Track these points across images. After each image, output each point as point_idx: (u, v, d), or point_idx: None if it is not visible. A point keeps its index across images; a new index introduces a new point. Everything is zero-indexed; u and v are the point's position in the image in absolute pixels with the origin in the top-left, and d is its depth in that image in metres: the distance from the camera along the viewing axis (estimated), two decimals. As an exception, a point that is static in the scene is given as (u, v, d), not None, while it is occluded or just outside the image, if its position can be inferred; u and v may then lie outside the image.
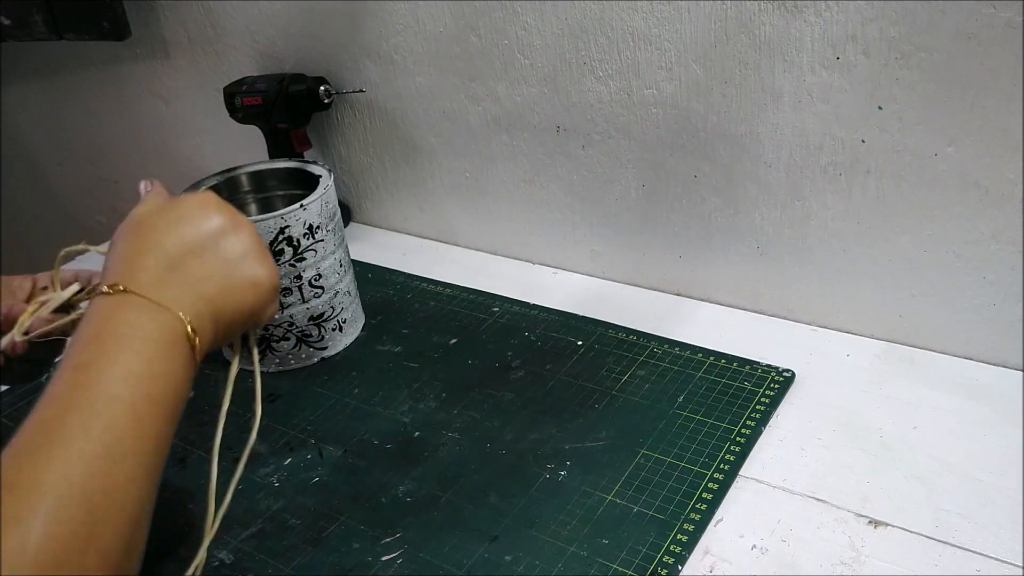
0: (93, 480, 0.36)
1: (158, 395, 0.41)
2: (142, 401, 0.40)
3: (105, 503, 0.36)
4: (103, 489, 0.36)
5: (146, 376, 0.41)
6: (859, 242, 0.72)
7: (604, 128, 0.81)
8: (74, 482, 0.35)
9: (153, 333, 0.42)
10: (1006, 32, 0.59)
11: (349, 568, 0.58)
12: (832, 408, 0.68)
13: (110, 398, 0.39)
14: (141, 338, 0.42)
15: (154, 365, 0.41)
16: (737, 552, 0.56)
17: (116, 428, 0.38)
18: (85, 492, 0.36)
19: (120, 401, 0.39)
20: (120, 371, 0.40)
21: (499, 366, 0.77)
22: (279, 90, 0.96)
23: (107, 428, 0.38)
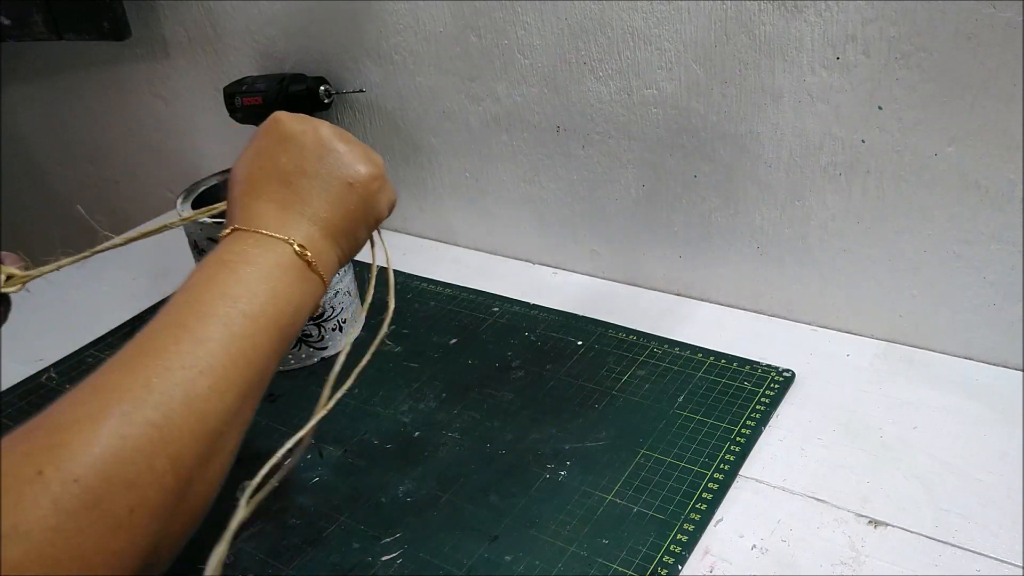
0: (175, 388, 0.37)
1: (255, 312, 0.42)
2: (237, 318, 0.41)
3: (183, 411, 0.37)
4: (184, 397, 0.37)
5: (244, 295, 0.42)
6: (859, 242, 0.72)
7: (604, 128, 0.81)
8: (154, 387, 0.37)
9: (256, 258, 0.45)
10: (1006, 32, 0.59)
11: (349, 568, 0.58)
12: (832, 408, 0.68)
13: (204, 315, 0.41)
14: (244, 262, 0.44)
15: (253, 285, 0.43)
16: (737, 552, 0.56)
17: (207, 342, 0.40)
18: (164, 397, 0.37)
19: (216, 317, 0.41)
20: (218, 291, 0.42)
21: (499, 366, 0.77)
22: (279, 90, 0.96)
23: (198, 341, 0.39)
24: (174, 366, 0.38)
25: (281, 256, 0.46)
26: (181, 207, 0.76)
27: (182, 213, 0.75)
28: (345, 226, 0.51)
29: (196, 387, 0.38)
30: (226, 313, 0.41)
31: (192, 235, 0.75)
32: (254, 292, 0.43)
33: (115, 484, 0.34)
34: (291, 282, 0.46)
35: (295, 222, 0.48)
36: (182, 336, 0.39)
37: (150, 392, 0.37)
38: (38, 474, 0.33)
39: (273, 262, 0.45)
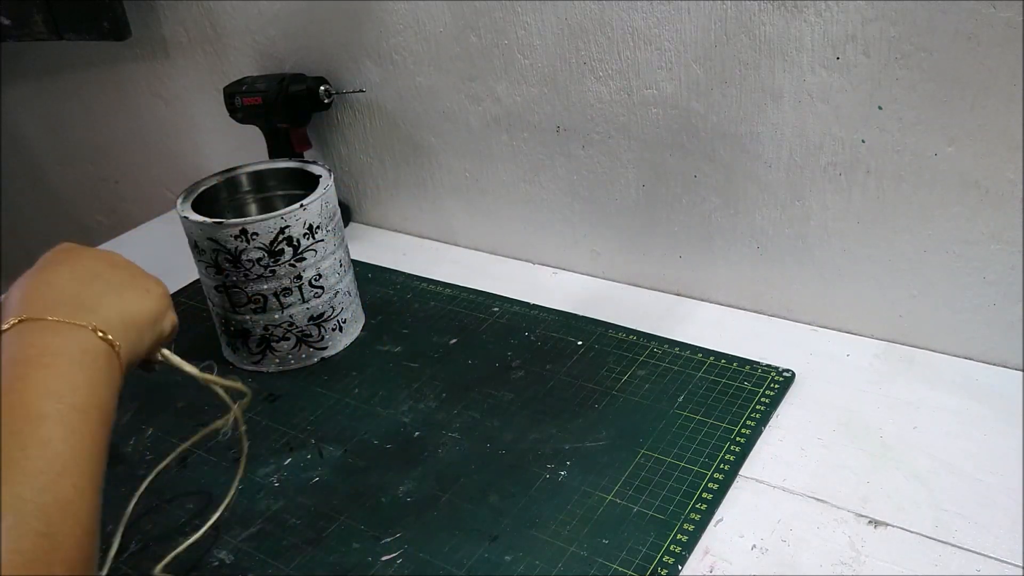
0: (45, 494, 0.37)
1: (83, 405, 0.42)
2: (69, 414, 0.40)
3: (60, 515, 0.37)
4: (56, 501, 0.37)
5: (67, 390, 0.41)
6: (859, 242, 0.72)
7: (604, 128, 0.81)
8: (26, 498, 0.36)
9: (63, 348, 0.43)
10: (1006, 32, 0.59)
11: (349, 568, 0.58)
12: (832, 408, 0.68)
13: (37, 416, 0.39)
14: (52, 355, 0.43)
15: (72, 378, 0.42)
16: (737, 552, 0.56)
17: (51, 443, 0.39)
18: (39, 506, 0.36)
19: (47, 417, 0.40)
20: (40, 389, 0.41)
21: (499, 366, 0.77)
22: (279, 90, 0.96)
23: (42, 444, 0.38)
24: (33, 472, 0.37)
25: (86, 344, 0.45)
26: (181, 207, 0.76)
27: (182, 213, 0.75)
28: (137, 323, 0.50)
29: (62, 489, 0.38)
30: (57, 411, 0.40)
31: (192, 235, 0.75)
32: (74, 383, 0.42)
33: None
34: (101, 369, 0.45)
35: (90, 311, 0.46)
36: (26, 444, 0.38)
37: (24, 503, 0.36)
38: None
39: (79, 349, 0.44)
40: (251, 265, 0.74)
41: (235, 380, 0.57)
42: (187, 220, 0.74)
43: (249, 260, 0.73)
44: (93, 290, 0.49)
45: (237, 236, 0.72)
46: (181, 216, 0.75)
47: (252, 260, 0.73)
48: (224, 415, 0.58)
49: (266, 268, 0.74)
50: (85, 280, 0.49)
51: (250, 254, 0.73)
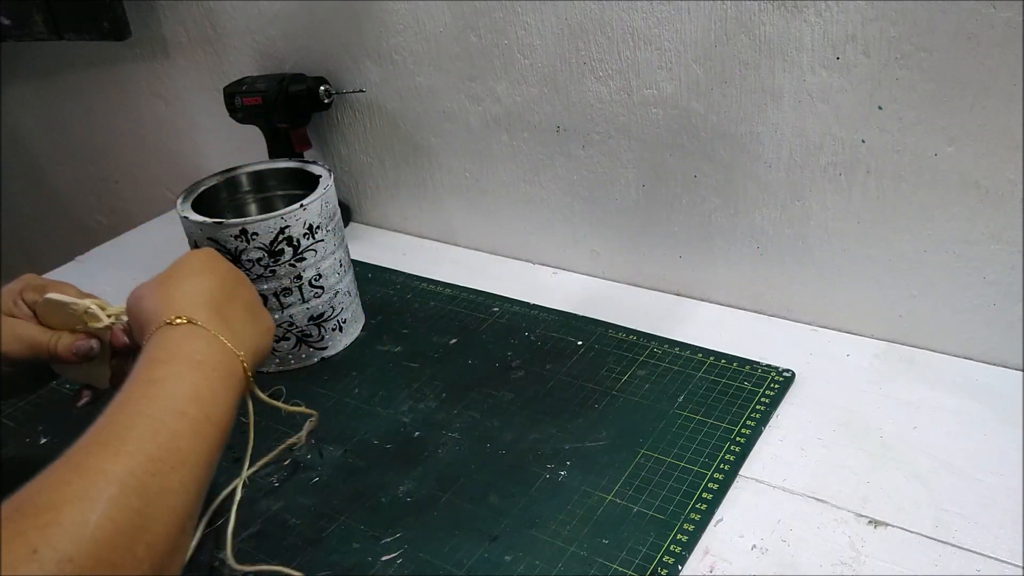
0: (153, 479, 0.40)
1: (216, 418, 0.46)
2: (203, 421, 0.44)
3: (159, 501, 0.39)
4: (159, 489, 0.40)
5: (209, 400, 0.46)
6: (859, 242, 0.72)
7: (604, 128, 0.81)
8: (137, 477, 0.39)
9: (219, 364, 0.48)
10: (1006, 32, 0.59)
11: (349, 568, 0.58)
12: (832, 408, 0.68)
13: (178, 412, 0.43)
14: (211, 366, 0.47)
15: (216, 391, 0.47)
16: (737, 552, 0.56)
17: (179, 439, 0.42)
18: (145, 487, 0.39)
19: (186, 417, 0.44)
20: (189, 391, 0.45)
21: (499, 366, 0.77)
22: (279, 90, 0.96)
23: (172, 437, 0.42)
24: (153, 458, 0.40)
25: (234, 367, 0.49)
26: (181, 207, 0.76)
27: (182, 213, 0.75)
28: (258, 359, 0.54)
29: (169, 481, 0.41)
30: (195, 416, 0.44)
31: (192, 235, 0.75)
32: (216, 397, 0.46)
33: (103, 566, 0.36)
34: (237, 395, 0.49)
35: (239, 338, 0.51)
36: (158, 431, 0.42)
37: (134, 479, 0.39)
38: (33, 552, 0.34)
39: (230, 372, 0.49)
40: (251, 265, 0.74)
41: (300, 404, 0.63)
42: (187, 220, 0.74)
43: (249, 260, 0.73)
44: (240, 314, 0.53)
45: (237, 236, 0.72)
46: (181, 216, 0.75)
47: (252, 260, 0.73)
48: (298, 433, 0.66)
49: (266, 268, 0.74)
50: (232, 299, 0.53)
51: (250, 254, 0.73)
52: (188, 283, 0.52)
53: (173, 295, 0.51)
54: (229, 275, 0.56)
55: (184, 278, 0.53)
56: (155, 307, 0.50)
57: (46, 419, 0.76)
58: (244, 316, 0.54)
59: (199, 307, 0.50)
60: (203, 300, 0.51)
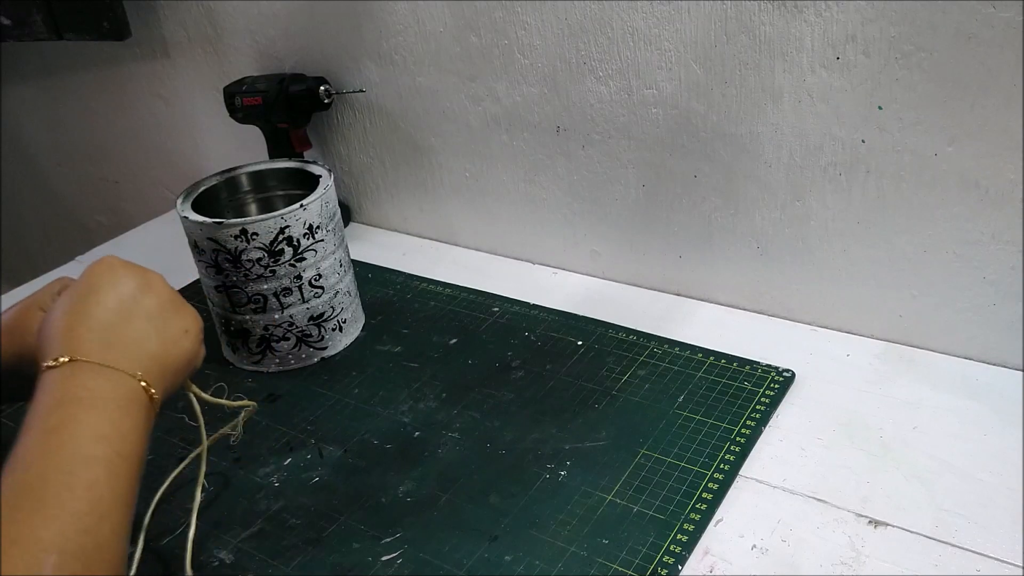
0: (86, 536, 0.39)
1: (127, 452, 0.44)
2: (115, 459, 0.43)
3: (98, 557, 0.39)
4: (95, 545, 0.39)
5: (115, 435, 0.43)
6: (859, 242, 0.72)
7: (604, 128, 0.81)
8: (70, 538, 0.38)
9: (112, 394, 0.45)
10: (1006, 32, 0.59)
11: (349, 568, 0.58)
12: (832, 408, 0.68)
13: (87, 458, 0.41)
14: (103, 399, 0.44)
15: (119, 424, 0.44)
16: (737, 552, 0.56)
17: (96, 486, 0.41)
18: (80, 547, 0.38)
19: (97, 461, 0.42)
20: (91, 433, 0.43)
21: (499, 366, 0.77)
22: (279, 90, 0.96)
23: (89, 487, 0.40)
24: (79, 513, 0.39)
25: (131, 391, 0.46)
26: (181, 207, 0.76)
27: (182, 213, 0.75)
28: (175, 368, 0.52)
29: (102, 533, 0.40)
30: (105, 456, 0.42)
31: (192, 235, 0.75)
32: (122, 431, 0.44)
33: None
34: (142, 417, 0.46)
35: (135, 355, 0.48)
36: (74, 484, 0.40)
37: (68, 542, 0.38)
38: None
39: (126, 398, 0.46)
40: (251, 265, 0.74)
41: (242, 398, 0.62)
42: (187, 220, 0.74)
43: (249, 260, 0.73)
44: (137, 329, 0.49)
45: (237, 236, 0.72)
46: (181, 216, 0.75)
47: (252, 260, 0.73)
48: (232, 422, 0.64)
49: (266, 268, 0.74)
50: (129, 315, 0.50)
51: (250, 254, 0.73)
52: (75, 310, 0.49)
53: (57, 327, 0.48)
54: (125, 287, 0.51)
55: (76, 304, 0.49)
56: (43, 342, 0.47)
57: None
58: (144, 328, 0.50)
59: (82, 338, 0.47)
60: (88, 327, 0.48)
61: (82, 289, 0.50)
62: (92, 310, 0.49)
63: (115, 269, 0.52)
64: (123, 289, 0.51)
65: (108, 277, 0.51)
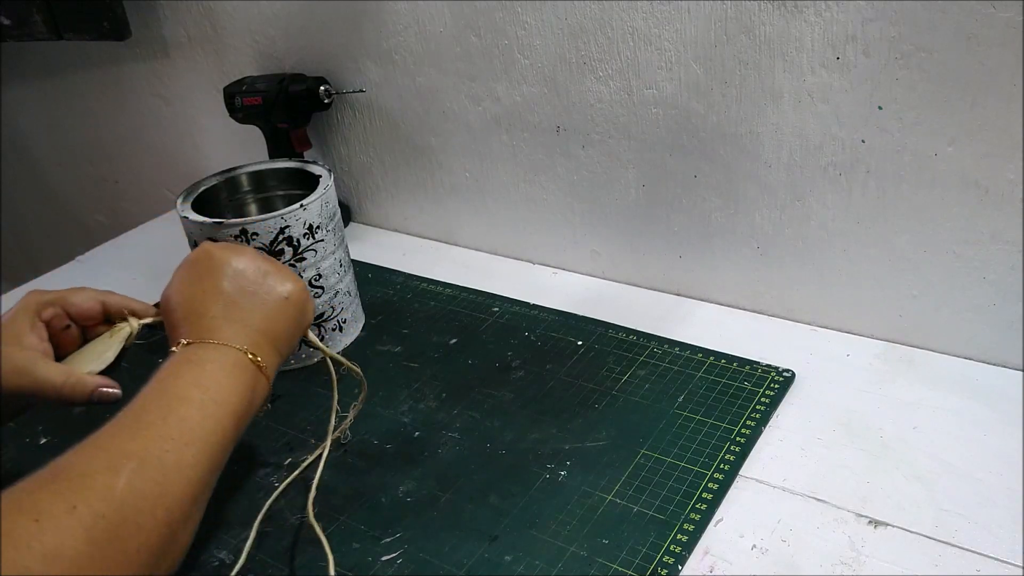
0: (168, 455, 0.45)
1: (222, 399, 0.50)
2: (208, 403, 0.49)
3: (175, 473, 0.45)
4: (175, 463, 0.45)
5: (212, 385, 0.50)
6: (859, 242, 0.72)
7: (604, 128, 0.81)
8: (152, 452, 0.45)
9: (216, 359, 0.52)
10: (1006, 32, 0.59)
11: (349, 568, 0.58)
12: (832, 408, 0.68)
13: (181, 397, 0.49)
14: (207, 361, 0.52)
15: (218, 378, 0.51)
16: (737, 552, 0.56)
17: (187, 420, 0.47)
18: (160, 462, 0.44)
19: (191, 401, 0.49)
20: (189, 380, 0.50)
21: (499, 366, 0.77)
22: (279, 90, 0.96)
23: (180, 418, 0.47)
24: (165, 436, 0.46)
25: (237, 358, 0.53)
26: (181, 207, 0.76)
27: (182, 213, 0.75)
28: (283, 333, 0.58)
29: (184, 455, 0.46)
30: (199, 399, 0.49)
31: (192, 234, 0.75)
32: (219, 383, 0.51)
33: (129, 525, 0.41)
34: (246, 380, 0.53)
35: (242, 333, 0.55)
36: (168, 415, 0.47)
37: (148, 455, 0.44)
38: (72, 508, 0.39)
39: (231, 362, 0.53)
40: (251, 265, 0.73)
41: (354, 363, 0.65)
42: (187, 220, 0.74)
43: (249, 260, 0.73)
44: (244, 306, 0.56)
45: (237, 236, 0.72)
46: (181, 216, 0.75)
47: (252, 260, 0.73)
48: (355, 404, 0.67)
49: (266, 268, 0.74)
50: (238, 293, 0.57)
51: (250, 254, 0.73)
52: (188, 292, 0.57)
53: (174, 310, 0.56)
54: (222, 270, 0.57)
55: (185, 296, 0.56)
56: (174, 330, 0.55)
57: (46, 420, 0.76)
58: (256, 305, 0.57)
59: (202, 321, 0.55)
60: (204, 310, 0.55)
61: (186, 280, 0.57)
62: (206, 293, 0.56)
63: (211, 255, 0.58)
64: (221, 273, 0.57)
65: (205, 263, 0.58)
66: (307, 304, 0.61)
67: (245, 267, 0.58)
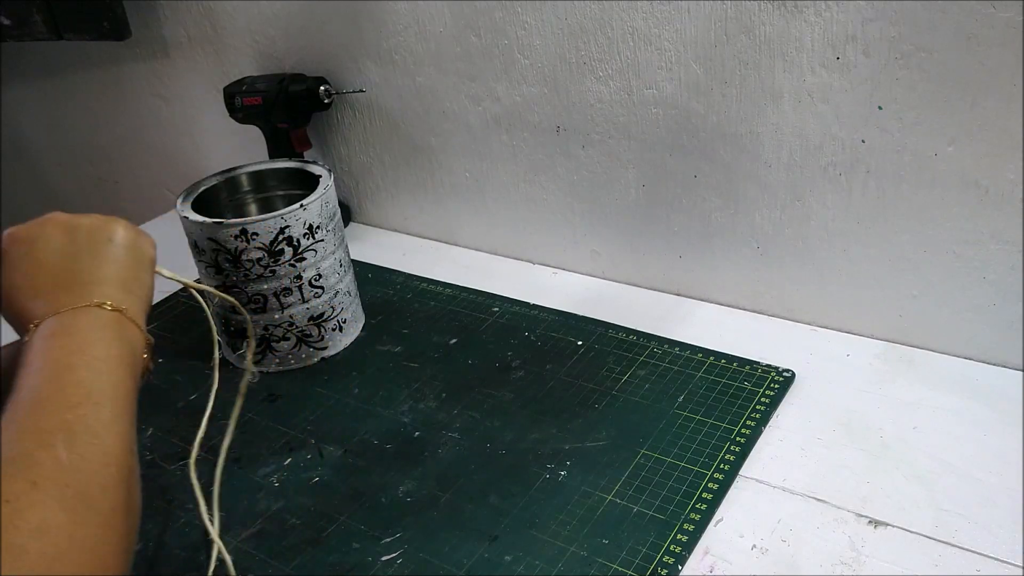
0: (87, 418, 0.44)
1: (102, 354, 0.48)
2: (94, 362, 0.47)
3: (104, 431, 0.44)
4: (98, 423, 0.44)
5: (85, 347, 0.48)
6: (859, 242, 0.72)
7: (604, 128, 0.81)
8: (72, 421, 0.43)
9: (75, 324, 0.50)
10: (1006, 32, 0.59)
11: (349, 568, 0.58)
12: (832, 408, 0.68)
13: (65, 366, 0.47)
14: (67, 331, 0.49)
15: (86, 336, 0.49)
16: (737, 552, 0.56)
17: (83, 382, 0.46)
18: (86, 425, 0.43)
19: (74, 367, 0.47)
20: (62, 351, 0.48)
21: (499, 366, 0.77)
22: (279, 90, 0.96)
23: (76, 384, 0.45)
24: (74, 404, 0.44)
25: (96, 316, 0.51)
26: (181, 207, 0.76)
27: (182, 213, 0.75)
28: (126, 275, 0.56)
29: (102, 414, 0.45)
30: (84, 362, 0.47)
31: (192, 235, 0.75)
32: (91, 341, 0.49)
33: (93, 487, 0.40)
34: (116, 329, 0.51)
35: (86, 292, 0.52)
36: (64, 385, 0.45)
37: (71, 424, 0.43)
38: (33, 484, 0.38)
39: (92, 322, 0.50)
40: (251, 265, 0.74)
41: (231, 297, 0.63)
42: (187, 220, 0.74)
43: (249, 260, 0.73)
44: (73, 271, 0.54)
45: (237, 236, 0.72)
46: (181, 216, 0.75)
47: (252, 260, 0.73)
48: None
49: (266, 268, 0.74)
50: (61, 260, 0.55)
51: (250, 254, 0.73)
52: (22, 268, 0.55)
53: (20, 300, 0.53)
54: (52, 239, 0.56)
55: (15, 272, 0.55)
56: (14, 316, 0.52)
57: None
58: (70, 263, 0.55)
59: (39, 290, 0.52)
60: (41, 281, 0.53)
61: (18, 247, 0.57)
62: (34, 273, 0.54)
63: (18, 236, 0.58)
64: (57, 238, 0.57)
65: (16, 251, 0.57)
66: (137, 239, 0.59)
67: (53, 232, 0.57)
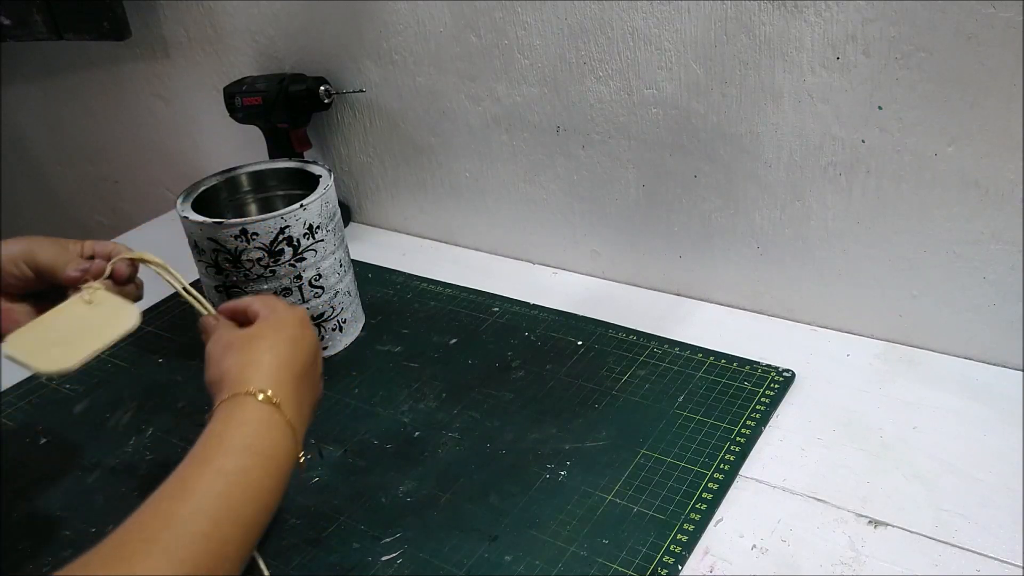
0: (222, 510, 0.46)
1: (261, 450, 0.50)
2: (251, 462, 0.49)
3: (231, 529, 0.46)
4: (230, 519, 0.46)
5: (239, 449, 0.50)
6: (859, 242, 0.72)
7: (604, 128, 0.81)
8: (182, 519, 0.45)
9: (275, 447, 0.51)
10: (1006, 32, 0.59)
11: (349, 568, 0.58)
12: (832, 408, 0.68)
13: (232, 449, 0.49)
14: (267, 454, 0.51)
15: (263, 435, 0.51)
16: (737, 552, 0.56)
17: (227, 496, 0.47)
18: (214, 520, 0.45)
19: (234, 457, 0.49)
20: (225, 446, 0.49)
21: (499, 366, 0.77)
22: (279, 90, 0.96)
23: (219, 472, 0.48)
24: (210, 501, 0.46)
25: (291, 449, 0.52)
26: (181, 207, 0.76)
27: (182, 213, 0.75)
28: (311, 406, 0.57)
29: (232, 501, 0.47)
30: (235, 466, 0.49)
31: (192, 235, 0.75)
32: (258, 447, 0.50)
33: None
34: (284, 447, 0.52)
35: (297, 409, 0.54)
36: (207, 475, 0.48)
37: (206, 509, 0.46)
38: None
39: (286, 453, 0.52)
40: (251, 265, 0.74)
41: None
42: (187, 220, 0.74)
43: (249, 260, 0.73)
44: (309, 390, 0.56)
45: (237, 236, 0.72)
46: (181, 216, 0.75)
47: (252, 260, 0.73)
48: None
49: (266, 268, 0.74)
50: (307, 373, 0.56)
51: (250, 254, 0.73)
52: (274, 351, 0.54)
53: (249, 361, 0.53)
54: (313, 346, 0.57)
55: (272, 345, 0.54)
56: (234, 372, 0.53)
57: (46, 419, 0.76)
58: (313, 388, 0.57)
59: (284, 382, 0.53)
60: (288, 374, 0.54)
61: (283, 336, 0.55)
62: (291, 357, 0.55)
63: (304, 324, 0.58)
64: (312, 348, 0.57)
65: (299, 331, 0.57)
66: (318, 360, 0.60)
67: (318, 350, 0.58)
